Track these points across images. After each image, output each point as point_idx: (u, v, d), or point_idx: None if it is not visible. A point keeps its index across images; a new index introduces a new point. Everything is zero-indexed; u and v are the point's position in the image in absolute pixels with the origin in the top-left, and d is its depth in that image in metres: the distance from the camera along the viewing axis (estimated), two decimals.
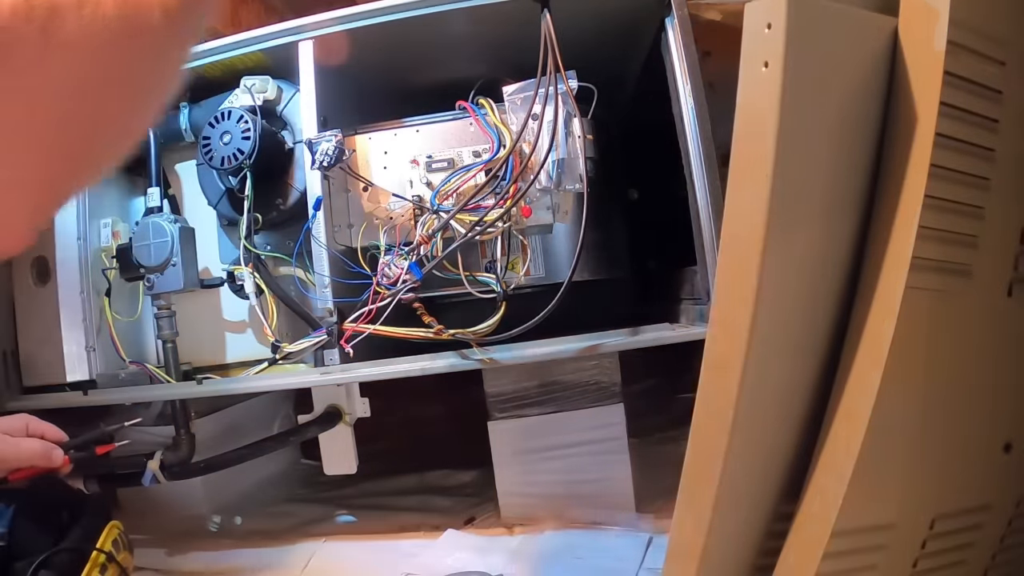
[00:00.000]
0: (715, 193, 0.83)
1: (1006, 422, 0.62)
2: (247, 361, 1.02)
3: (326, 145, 0.83)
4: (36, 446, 0.79)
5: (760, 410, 0.55)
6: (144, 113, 0.36)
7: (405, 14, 0.86)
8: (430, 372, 0.87)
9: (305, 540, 1.12)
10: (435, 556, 1.03)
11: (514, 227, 0.86)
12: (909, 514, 0.57)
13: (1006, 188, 0.56)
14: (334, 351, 0.88)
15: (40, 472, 0.79)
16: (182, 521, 1.25)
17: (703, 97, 0.84)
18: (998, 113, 0.54)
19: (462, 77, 0.90)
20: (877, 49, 0.53)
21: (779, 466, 0.59)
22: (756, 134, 0.50)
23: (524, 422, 1.11)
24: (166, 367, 0.98)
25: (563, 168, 0.83)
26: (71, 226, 0.99)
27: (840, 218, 0.55)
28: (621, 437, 1.09)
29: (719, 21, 1.12)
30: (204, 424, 1.21)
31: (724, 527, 0.57)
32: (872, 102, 0.54)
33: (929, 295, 0.53)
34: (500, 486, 1.13)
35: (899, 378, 0.52)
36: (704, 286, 0.86)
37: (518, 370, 1.11)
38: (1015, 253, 0.59)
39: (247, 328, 1.04)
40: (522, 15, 0.84)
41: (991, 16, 0.53)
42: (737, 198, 0.53)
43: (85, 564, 0.74)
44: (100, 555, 0.76)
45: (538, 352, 0.86)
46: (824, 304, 0.56)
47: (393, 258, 0.85)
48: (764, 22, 0.48)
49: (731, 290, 0.53)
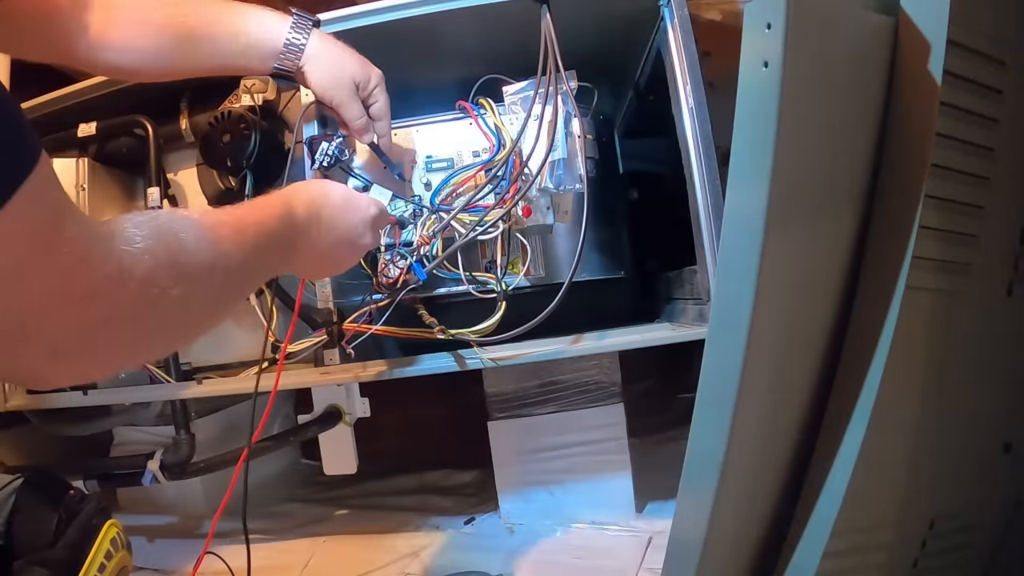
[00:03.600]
0: (715, 193, 0.83)
1: (1006, 422, 0.62)
2: (247, 361, 1.02)
3: (326, 145, 0.83)
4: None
5: (761, 410, 0.55)
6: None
7: (405, 14, 0.87)
8: (430, 372, 0.87)
9: (305, 540, 1.12)
10: (435, 556, 1.03)
11: (514, 227, 0.86)
12: (909, 514, 0.57)
13: (1006, 187, 0.56)
14: (334, 351, 0.88)
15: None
16: (182, 521, 1.25)
17: (703, 97, 0.84)
18: (998, 113, 0.54)
19: (462, 77, 0.90)
20: (877, 49, 0.53)
21: (779, 466, 0.59)
22: (756, 134, 0.50)
23: (524, 422, 1.11)
24: (166, 367, 0.98)
25: (563, 168, 0.83)
26: None
27: (840, 217, 0.55)
28: (621, 437, 1.09)
29: (719, 21, 1.12)
30: (204, 424, 1.22)
31: (724, 527, 0.57)
32: (872, 102, 0.54)
33: (929, 294, 0.53)
34: (500, 486, 1.13)
35: (899, 377, 0.52)
36: (704, 286, 0.86)
37: (518, 370, 1.11)
38: (1015, 253, 0.59)
39: (247, 328, 1.04)
40: (522, 15, 0.84)
41: (991, 16, 0.53)
42: (737, 197, 0.53)
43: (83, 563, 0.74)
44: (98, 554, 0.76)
45: (538, 352, 0.86)
46: (824, 304, 0.56)
47: (394, 258, 0.85)
48: (764, 22, 0.48)
49: (731, 290, 0.53)
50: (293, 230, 0.57)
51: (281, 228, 0.56)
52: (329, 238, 0.63)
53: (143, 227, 0.40)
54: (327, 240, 0.63)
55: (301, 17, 0.75)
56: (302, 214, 0.59)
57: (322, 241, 0.62)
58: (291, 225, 0.57)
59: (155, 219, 0.42)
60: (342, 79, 0.76)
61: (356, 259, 0.71)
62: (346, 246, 0.66)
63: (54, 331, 0.37)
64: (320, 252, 0.63)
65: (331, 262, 0.67)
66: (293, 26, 0.74)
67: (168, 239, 0.42)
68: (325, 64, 0.75)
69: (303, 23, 0.74)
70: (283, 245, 0.56)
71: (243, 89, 0.94)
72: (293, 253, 0.58)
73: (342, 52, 0.77)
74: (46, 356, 0.37)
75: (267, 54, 0.73)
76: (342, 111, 0.77)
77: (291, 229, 0.57)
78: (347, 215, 0.65)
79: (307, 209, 0.60)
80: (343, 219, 0.65)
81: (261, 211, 0.54)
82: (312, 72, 0.75)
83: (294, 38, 0.73)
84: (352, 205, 0.66)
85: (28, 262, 0.34)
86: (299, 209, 0.59)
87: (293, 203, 0.59)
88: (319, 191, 0.63)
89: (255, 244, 0.51)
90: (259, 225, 0.53)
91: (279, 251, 0.56)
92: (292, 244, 0.58)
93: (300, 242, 0.59)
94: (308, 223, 0.60)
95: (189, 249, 0.43)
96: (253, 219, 0.53)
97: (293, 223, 0.57)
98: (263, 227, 0.53)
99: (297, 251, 0.59)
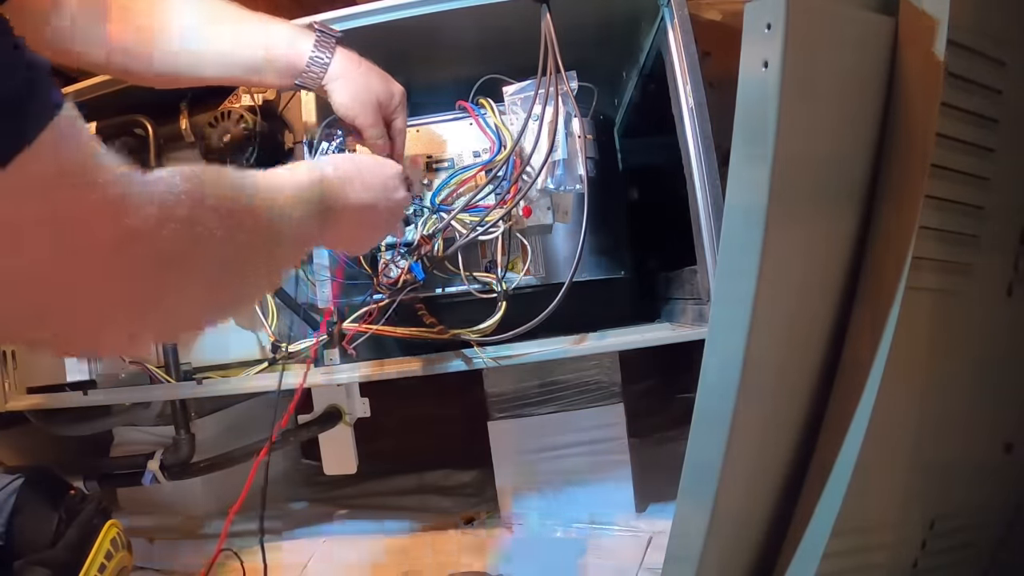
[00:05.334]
0: (715, 193, 0.83)
1: (1006, 422, 0.62)
2: (247, 361, 1.02)
3: (326, 145, 0.83)
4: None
5: (761, 410, 0.55)
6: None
7: (405, 13, 0.87)
8: (430, 372, 0.87)
9: (305, 540, 1.12)
10: (435, 556, 1.03)
11: (514, 227, 0.86)
12: (909, 514, 0.57)
13: (1006, 187, 0.56)
14: (334, 351, 0.88)
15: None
16: (182, 521, 1.25)
17: (703, 97, 0.84)
18: (998, 113, 0.54)
19: (462, 77, 0.90)
20: (877, 49, 0.53)
21: (779, 466, 0.59)
22: (756, 134, 0.50)
23: (524, 422, 1.11)
24: (166, 367, 0.98)
25: (563, 168, 0.83)
26: None
27: (840, 217, 0.55)
28: (621, 437, 1.09)
29: (719, 21, 1.12)
30: (204, 424, 1.22)
31: (724, 527, 0.57)
32: (872, 102, 0.54)
33: (929, 295, 0.53)
34: (500, 486, 1.13)
35: (899, 378, 0.52)
36: (704, 286, 0.86)
37: (518, 370, 1.11)
38: (1015, 253, 0.59)
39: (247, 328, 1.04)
40: (522, 15, 0.84)
41: (991, 16, 0.53)
42: (737, 197, 0.53)
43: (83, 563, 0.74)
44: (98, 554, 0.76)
45: (538, 352, 0.86)
46: (824, 304, 0.56)
47: (394, 258, 0.85)
48: (764, 22, 0.48)
49: (731, 290, 0.53)
50: (328, 186, 0.57)
51: (313, 184, 0.55)
52: (367, 195, 0.62)
53: (182, 173, 0.40)
54: (365, 198, 0.62)
55: (324, 33, 0.73)
56: (332, 173, 0.58)
57: (360, 199, 0.61)
58: (324, 180, 0.57)
59: (193, 168, 0.42)
60: (367, 100, 0.74)
61: (394, 220, 0.70)
62: (384, 202, 0.65)
63: (101, 279, 0.36)
64: (361, 210, 0.62)
65: (370, 223, 0.66)
66: (316, 43, 0.72)
67: (208, 184, 0.42)
68: (351, 85, 0.73)
69: (326, 40, 0.72)
70: (320, 199, 0.55)
71: (243, 89, 0.94)
72: (332, 211, 0.57)
73: (368, 71, 0.75)
74: (101, 310, 0.36)
75: (286, 70, 0.72)
76: (363, 131, 0.76)
77: (326, 185, 0.57)
78: (378, 170, 0.65)
79: (335, 170, 0.59)
80: (376, 174, 0.64)
81: (292, 171, 0.54)
82: (336, 91, 0.73)
83: (317, 56, 0.72)
84: (379, 162, 0.67)
85: (64, 202, 0.33)
86: (328, 170, 0.58)
87: (320, 166, 0.58)
88: (342, 156, 0.63)
89: (295, 195, 0.51)
90: (295, 179, 0.53)
91: (317, 205, 0.55)
92: (329, 200, 0.57)
93: (338, 199, 0.58)
94: (342, 181, 0.59)
95: (231, 195, 0.44)
96: (288, 174, 0.53)
97: (325, 179, 0.57)
98: (298, 181, 0.53)
99: (336, 211, 0.58)
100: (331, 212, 0.57)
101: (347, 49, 0.74)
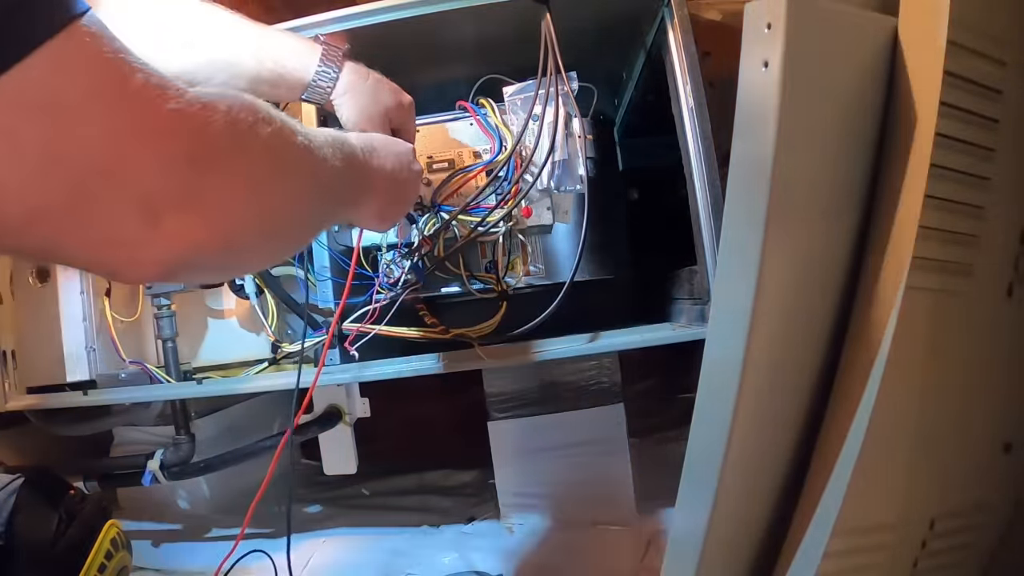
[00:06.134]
0: (715, 193, 0.83)
1: (1006, 422, 0.62)
2: (247, 361, 1.02)
3: None
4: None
5: (761, 410, 0.55)
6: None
7: (405, 14, 0.87)
8: (430, 372, 0.87)
9: (305, 540, 1.12)
10: (435, 556, 1.03)
11: (514, 227, 0.86)
12: (909, 514, 0.57)
13: (1006, 188, 0.56)
14: (334, 351, 0.88)
15: None
16: (182, 521, 1.25)
17: (703, 97, 0.84)
18: (998, 113, 0.54)
19: (462, 77, 0.90)
20: (877, 49, 0.53)
21: (779, 466, 0.59)
22: (756, 134, 0.50)
23: (524, 422, 1.11)
24: (166, 367, 0.98)
25: (563, 169, 0.83)
26: None
27: (840, 218, 0.55)
28: (621, 437, 1.09)
29: (719, 21, 1.12)
30: (204, 424, 1.22)
31: (724, 527, 0.57)
32: (872, 102, 0.54)
33: (929, 295, 0.53)
34: (500, 486, 1.13)
35: (899, 378, 0.52)
36: (704, 286, 0.86)
37: (518, 370, 1.11)
38: (1015, 253, 0.59)
39: (247, 328, 1.04)
40: (522, 15, 0.85)
41: (991, 16, 0.53)
42: (737, 197, 0.53)
43: (83, 563, 0.74)
44: (98, 554, 0.76)
45: (538, 352, 0.86)
46: (824, 304, 0.56)
47: (395, 258, 0.85)
48: (764, 22, 0.48)
49: (731, 290, 0.53)
50: (354, 149, 0.56)
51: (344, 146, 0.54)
52: (393, 162, 0.62)
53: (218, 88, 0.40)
54: (391, 165, 0.62)
55: (330, 47, 0.71)
56: (356, 140, 0.58)
57: (387, 165, 0.62)
58: (349, 143, 0.56)
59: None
60: (375, 114, 0.73)
61: (413, 195, 0.70)
62: (404, 172, 0.65)
63: (140, 175, 0.34)
64: (387, 178, 0.62)
65: (398, 190, 0.65)
66: (323, 57, 0.70)
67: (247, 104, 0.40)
68: (360, 100, 0.72)
69: (333, 54, 0.71)
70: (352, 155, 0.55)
71: None
72: (366, 171, 0.58)
73: (376, 85, 0.73)
74: (142, 214, 0.34)
75: (295, 85, 0.70)
76: None
77: (353, 148, 0.56)
78: (392, 145, 0.65)
79: (358, 138, 0.59)
80: (392, 147, 0.65)
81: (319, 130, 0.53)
82: (344, 106, 0.72)
83: (324, 71, 0.70)
84: (391, 139, 0.67)
85: (98, 94, 0.32)
86: (351, 138, 0.57)
87: (343, 134, 0.57)
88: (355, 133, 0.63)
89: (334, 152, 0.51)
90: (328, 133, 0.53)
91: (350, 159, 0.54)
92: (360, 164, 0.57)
93: (367, 163, 0.58)
94: (366, 150, 0.59)
95: (266, 119, 0.42)
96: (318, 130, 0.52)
97: (351, 144, 0.56)
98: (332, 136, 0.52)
99: (368, 174, 0.58)
100: (364, 175, 0.57)
101: (355, 62, 0.73)
